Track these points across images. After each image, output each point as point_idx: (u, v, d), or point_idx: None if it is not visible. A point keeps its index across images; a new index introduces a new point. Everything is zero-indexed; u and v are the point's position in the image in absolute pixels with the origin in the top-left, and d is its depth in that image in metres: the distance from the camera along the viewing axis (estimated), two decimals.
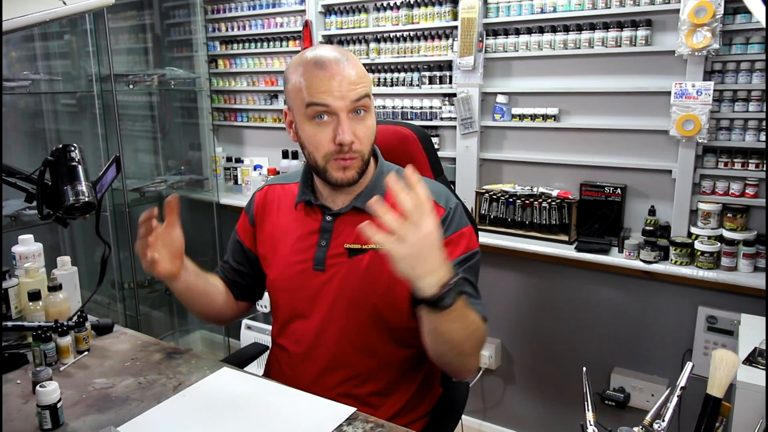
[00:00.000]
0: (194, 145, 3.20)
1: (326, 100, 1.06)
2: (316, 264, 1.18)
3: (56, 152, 1.03)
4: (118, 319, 2.39)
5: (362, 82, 1.08)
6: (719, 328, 1.90)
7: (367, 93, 1.10)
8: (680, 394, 0.82)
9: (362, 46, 2.56)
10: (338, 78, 1.06)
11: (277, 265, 1.24)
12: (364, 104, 1.09)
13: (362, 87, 1.08)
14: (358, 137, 1.09)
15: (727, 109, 1.84)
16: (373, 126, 1.13)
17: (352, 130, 1.08)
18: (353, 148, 1.09)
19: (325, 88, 1.06)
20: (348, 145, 1.08)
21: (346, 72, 1.07)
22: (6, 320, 1.30)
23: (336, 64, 1.07)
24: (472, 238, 1.19)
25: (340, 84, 1.06)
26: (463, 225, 1.17)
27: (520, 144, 2.27)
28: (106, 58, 2.52)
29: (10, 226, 2.25)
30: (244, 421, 0.99)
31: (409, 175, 0.89)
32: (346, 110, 1.07)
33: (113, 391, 1.10)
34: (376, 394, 1.18)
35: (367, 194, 1.17)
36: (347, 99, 1.06)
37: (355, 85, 1.07)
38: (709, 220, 1.87)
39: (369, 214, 1.12)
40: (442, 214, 1.15)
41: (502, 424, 2.45)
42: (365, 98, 1.09)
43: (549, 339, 2.27)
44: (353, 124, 1.09)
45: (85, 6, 1.04)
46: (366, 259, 1.15)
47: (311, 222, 1.21)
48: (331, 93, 1.06)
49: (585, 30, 2.05)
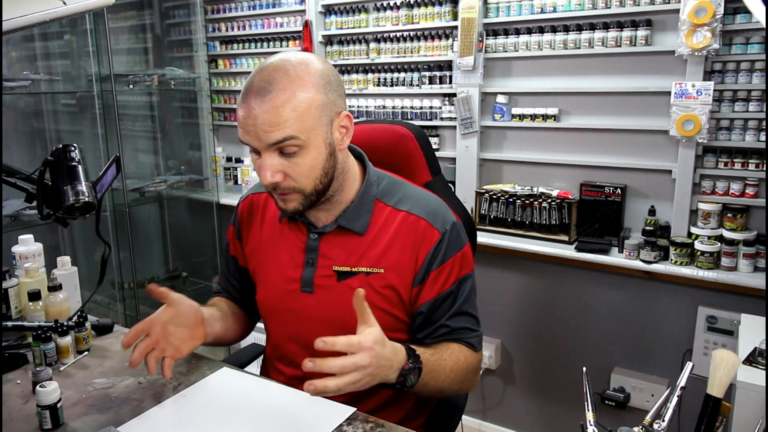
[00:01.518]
0: (194, 145, 3.21)
1: (243, 137, 0.99)
2: (303, 286, 1.13)
3: (56, 152, 1.03)
4: (118, 319, 2.39)
5: (284, 122, 0.94)
6: (719, 328, 1.90)
7: (292, 135, 0.95)
8: (680, 394, 0.82)
9: (362, 46, 2.56)
10: (253, 117, 0.95)
11: (265, 285, 1.20)
12: (286, 148, 0.96)
13: (282, 130, 0.94)
14: (289, 175, 0.99)
15: (727, 109, 1.84)
16: (308, 164, 0.99)
17: (278, 168, 0.98)
18: (282, 186, 1.00)
19: (242, 124, 0.97)
20: (270, 185, 1.00)
21: (264, 109, 0.94)
22: (6, 320, 1.30)
23: (257, 98, 0.95)
24: (466, 261, 1.13)
25: (255, 124, 0.95)
26: (458, 248, 1.11)
27: (520, 144, 2.27)
28: (106, 58, 2.52)
29: (10, 226, 2.25)
30: (244, 421, 0.99)
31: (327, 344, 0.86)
32: (266, 150, 0.97)
33: (113, 391, 1.10)
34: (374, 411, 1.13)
35: (352, 212, 1.10)
36: (263, 141, 0.96)
37: (271, 127, 0.94)
38: (709, 220, 1.87)
39: (356, 233, 1.10)
40: (437, 238, 1.09)
41: (502, 424, 2.45)
42: (288, 141, 0.95)
43: (549, 339, 2.27)
44: (280, 161, 0.98)
45: (85, 6, 1.04)
46: (356, 283, 1.08)
47: (297, 239, 1.15)
48: (247, 131, 0.97)
49: (585, 30, 2.05)
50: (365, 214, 1.11)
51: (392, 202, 1.12)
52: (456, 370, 1.07)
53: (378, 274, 1.09)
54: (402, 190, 1.14)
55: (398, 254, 1.09)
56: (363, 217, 1.10)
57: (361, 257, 1.10)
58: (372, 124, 1.42)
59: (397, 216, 1.10)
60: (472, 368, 1.12)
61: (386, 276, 1.09)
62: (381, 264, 1.09)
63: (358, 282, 1.09)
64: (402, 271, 1.09)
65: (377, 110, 2.54)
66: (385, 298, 1.09)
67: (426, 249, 1.08)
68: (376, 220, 1.11)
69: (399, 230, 1.09)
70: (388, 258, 1.09)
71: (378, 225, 1.10)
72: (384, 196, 1.13)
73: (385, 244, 1.09)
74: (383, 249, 1.09)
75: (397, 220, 1.10)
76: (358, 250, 1.10)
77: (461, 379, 1.10)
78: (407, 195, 1.14)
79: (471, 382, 1.14)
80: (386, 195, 1.13)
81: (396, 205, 1.11)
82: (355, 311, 0.92)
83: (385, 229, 1.10)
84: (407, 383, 0.96)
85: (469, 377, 1.12)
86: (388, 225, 1.10)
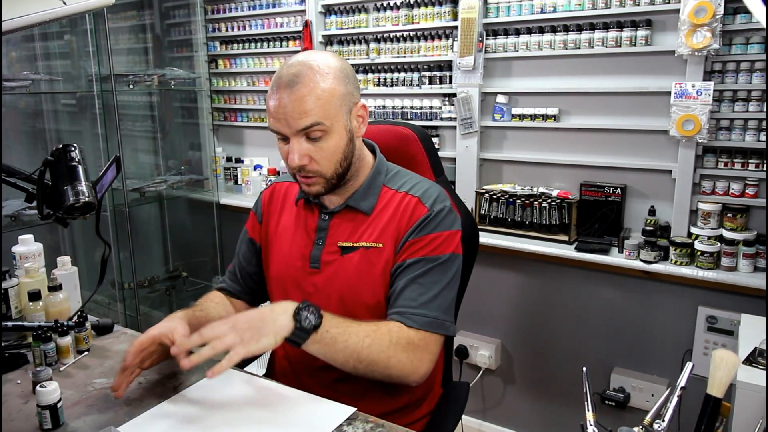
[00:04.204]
0: (194, 145, 3.21)
1: (274, 125, 1.08)
2: (312, 262, 1.19)
3: (56, 152, 1.03)
4: (118, 319, 2.40)
5: (310, 110, 1.05)
6: (719, 328, 1.90)
7: (318, 121, 1.05)
8: (680, 394, 0.82)
9: (362, 46, 2.56)
10: (284, 105, 1.05)
11: (277, 262, 1.26)
12: (312, 133, 1.07)
13: (309, 117, 1.05)
14: (314, 159, 1.09)
15: (727, 109, 1.84)
16: (332, 147, 1.09)
17: (305, 152, 1.08)
18: (308, 169, 1.10)
19: (273, 114, 1.07)
20: (297, 167, 1.09)
21: (293, 99, 1.04)
22: (6, 320, 1.30)
23: (286, 89, 1.05)
24: (451, 242, 1.15)
25: (285, 112, 1.05)
26: (443, 228, 1.14)
27: (520, 144, 2.27)
28: (106, 58, 2.53)
29: (10, 226, 2.25)
30: (244, 421, 0.99)
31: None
32: (295, 136, 1.07)
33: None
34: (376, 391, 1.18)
35: (361, 194, 1.19)
36: (293, 128, 1.06)
37: (300, 114, 1.05)
38: (709, 220, 1.87)
39: (363, 212, 1.18)
40: (423, 213, 1.14)
41: (502, 424, 2.45)
42: (315, 126, 1.06)
43: (549, 339, 2.27)
44: (307, 146, 1.08)
45: (85, 6, 1.04)
46: (356, 257, 1.16)
47: (310, 219, 1.23)
48: (278, 119, 1.07)
49: (585, 30, 2.05)
50: (372, 197, 1.19)
51: (396, 186, 1.20)
52: (373, 337, 1.04)
53: (376, 248, 1.15)
54: (408, 177, 1.23)
55: (393, 230, 1.16)
56: (370, 199, 1.19)
57: (363, 233, 1.17)
58: (375, 125, 1.44)
59: (397, 196, 1.19)
60: (397, 342, 1.06)
61: (384, 250, 1.15)
62: (380, 239, 1.16)
63: (359, 256, 1.15)
64: (395, 245, 1.15)
65: (377, 110, 2.54)
66: (384, 272, 1.14)
67: (412, 222, 1.15)
68: (381, 201, 1.19)
69: (397, 208, 1.17)
70: (386, 234, 1.15)
71: (382, 205, 1.19)
72: (390, 182, 1.21)
73: (384, 222, 1.16)
74: (383, 226, 1.16)
75: (397, 199, 1.18)
76: (361, 228, 1.17)
77: (380, 349, 1.04)
78: (411, 180, 1.22)
79: (398, 358, 1.05)
80: (392, 181, 1.22)
81: (399, 189, 1.20)
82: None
83: (387, 208, 1.18)
84: (304, 323, 0.98)
85: (393, 351, 1.05)
86: (390, 205, 1.18)
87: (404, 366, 1.07)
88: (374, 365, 1.05)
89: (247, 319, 0.98)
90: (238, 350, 0.93)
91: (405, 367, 1.07)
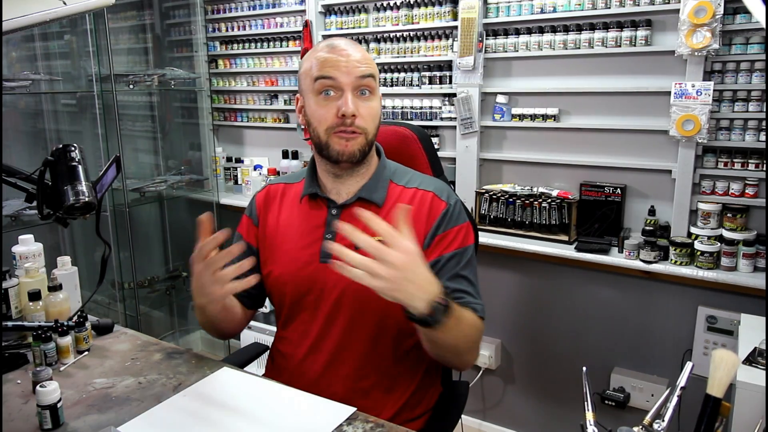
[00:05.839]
0: (194, 145, 3.20)
1: (333, 73, 1.12)
2: (322, 257, 1.18)
3: (56, 152, 1.03)
4: (118, 319, 2.39)
5: (368, 63, 1.15)
6: (719, 328, 1.90)
7: (373, 74, 1.15)
8: (680, 394, 0.82)
9: (362, 46, 2.56)
10: (345, 56, 1.13)
11: (282, 260, 1.24)
12: (368, 84, 1.14)
13: (368, 67, 1.14)
14: (362, 114, 1.13)
15: (726, 109, 1.84)
16: (377, 108, 1.17)
17: (356, 106, 1.12)
18: (356, 123, 1.13)
19: (332, 64, 1.13)
20: (350, 117, 1.12)
21: (353, 52, 1.14)
22: (6, 320, 1.30)
23: (345, 47, 1.14)
24: (469, 233, 1.22)
25: (347, 61, 1.12)
26: (462, 221, 1.20)
27: (520, 144, 2.27)
28: (106, 58, 2.53)
29: (10, 226, 2.25)
30: (244, 421, 0.99)
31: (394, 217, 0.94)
32: (351, 86, 1.12)
33: (113, 391, 1.10)
34: (380, 387, 1.18)
35: (371, 186, 1.21)
36: (352, 75, 1.12)
37: (360, 64, 1.13)
38: (709, 220, 1.87)
39: (375, 204, 1.18)
40: (443, 207, 1.19)
41: (502, 424, 2.45)
42: (370, 78, 1.14)
43: (549, 339, 2.27)
44: (357, 101, 1.13)
45: (85, 6, 1.04)
46: None
47: (316, 216, 1.23)
48: (338, 68, 1.12)
49: (585, 30, 2.05)
50: (382, 189, 1.22)
51: (402, 182, 1.24)
52: (472, 327, 1.08)
53: None
54: (411, 174, 1.27)
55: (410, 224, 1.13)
56: (380, 191, 1.22)
57: None
58: None
59: (408, 192, 1.22)
60: (479, 334, 1.13)
61: None
62: None
63: None
64: None
65: None
66: None
67: (434, 217, 1.18)
68: (391, 196, 1.22)
69: (411, 203, 1.19)
70: None
71: (392, 200, 1.21)
72: (395, 178, 1.25)
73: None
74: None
75: (409, 194, 1.22)
76: None
77: (471, 341, 1.10)
78: (416, 176, 1.26)
79: (475, 351, 1.14)
80: (396, 176, 1.25)
81: (406, 184, 1.24)
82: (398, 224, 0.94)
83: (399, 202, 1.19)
84: (436, 317, 0.95)
85: (476, 344, 1.13)
86: (401, 200, 1.21)
87: (474, 356, 1.15)
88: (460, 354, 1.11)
89: (410, 277, 0.92)
90: (384, 290, 0.90)
91: (473, 358, 1.15)
